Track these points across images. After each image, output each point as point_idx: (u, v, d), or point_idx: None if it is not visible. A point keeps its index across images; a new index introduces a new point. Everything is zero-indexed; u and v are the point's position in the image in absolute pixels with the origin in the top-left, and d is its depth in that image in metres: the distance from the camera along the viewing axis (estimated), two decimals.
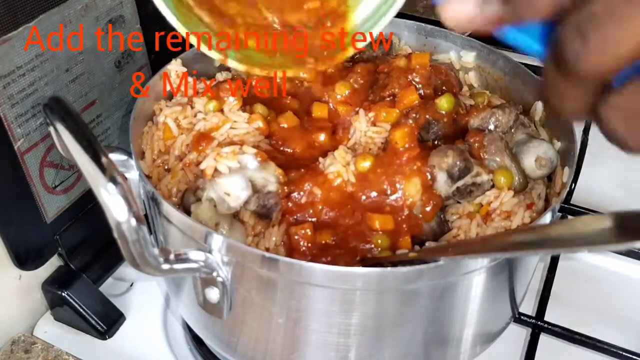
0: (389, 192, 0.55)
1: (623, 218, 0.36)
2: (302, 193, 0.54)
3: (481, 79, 0.71)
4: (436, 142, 0.60)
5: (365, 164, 0.56)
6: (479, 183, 0.56)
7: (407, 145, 0.56)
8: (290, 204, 0.54)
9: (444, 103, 0.60)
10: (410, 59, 0.66)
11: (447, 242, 0.54)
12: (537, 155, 0.58)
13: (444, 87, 0.65)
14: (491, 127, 0.60)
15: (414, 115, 0.59)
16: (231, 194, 0.52)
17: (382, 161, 0.56)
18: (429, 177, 0.56)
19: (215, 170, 0.53)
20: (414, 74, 0.65)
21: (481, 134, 0.59)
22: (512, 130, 0.61)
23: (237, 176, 0.53)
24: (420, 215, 0.55)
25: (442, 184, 0.56)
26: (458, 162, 0.55)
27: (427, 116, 0.60)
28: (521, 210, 0.55)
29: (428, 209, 0.55)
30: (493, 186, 0.57)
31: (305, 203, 0.55)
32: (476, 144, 0.58)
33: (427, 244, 0.54)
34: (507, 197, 0.55)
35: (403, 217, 0.55)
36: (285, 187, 0.55)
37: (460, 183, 0.56)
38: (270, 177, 0.54)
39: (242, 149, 0.55)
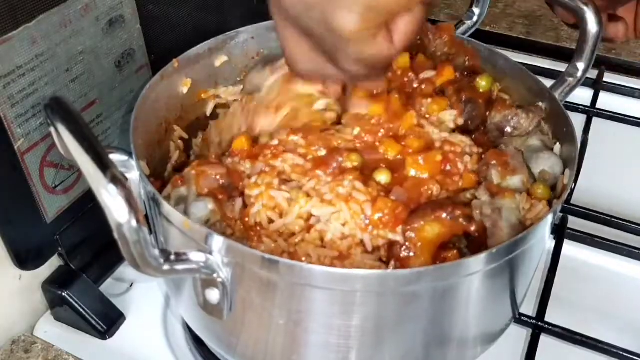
0: None
1: None
2: None
3: None
4: (470, 123, 0.59)
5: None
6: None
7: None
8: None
9: (483, 83, 0.61)
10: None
11: None
12: (542, 169, 0.57)
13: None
14: (509, 129, 0.59)
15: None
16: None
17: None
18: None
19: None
20: (443, 34, 0.65)
21: (501, 154, 0.57)
22: (529, 134, 0.60)
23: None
24: None
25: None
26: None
27: (465, 95, 0.59)
28: None
29: None
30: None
31: None
32: (500, 165, 0.56)
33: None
34: (544, 212, 0.54)
35: None
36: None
37: None
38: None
39: None
